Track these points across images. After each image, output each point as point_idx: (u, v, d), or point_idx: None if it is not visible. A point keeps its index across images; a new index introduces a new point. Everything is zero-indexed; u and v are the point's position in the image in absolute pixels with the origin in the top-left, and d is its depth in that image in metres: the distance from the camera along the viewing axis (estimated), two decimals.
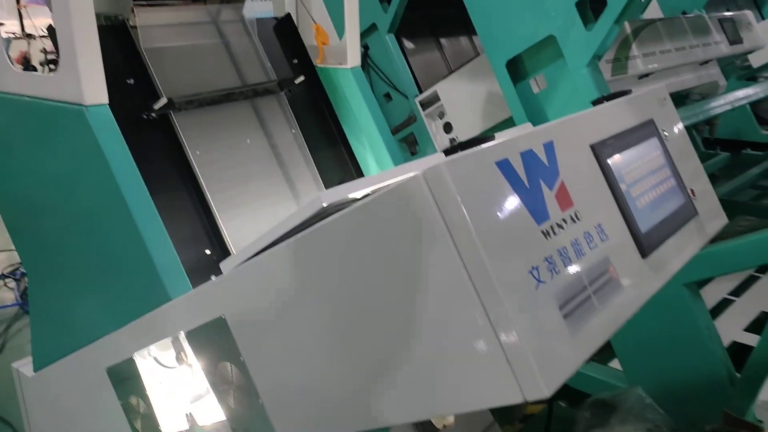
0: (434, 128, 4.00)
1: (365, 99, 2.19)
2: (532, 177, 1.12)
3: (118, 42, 1.83)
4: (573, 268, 1.11)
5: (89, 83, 1.52)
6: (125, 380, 1.73)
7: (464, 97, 3.77)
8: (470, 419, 1.84)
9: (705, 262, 2.28)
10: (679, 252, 1.39)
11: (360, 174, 2.23)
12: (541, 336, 1.00)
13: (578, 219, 1.17)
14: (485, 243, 0.97)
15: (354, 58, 2.20)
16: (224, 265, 1.44)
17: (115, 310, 1.70)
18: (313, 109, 2.23)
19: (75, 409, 2.00)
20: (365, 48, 4.23)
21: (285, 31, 2.25)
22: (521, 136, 1.16)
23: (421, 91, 4.03)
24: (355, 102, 2.21)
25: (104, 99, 1.56)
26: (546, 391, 0.96)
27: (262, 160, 1.98)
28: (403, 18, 3.90)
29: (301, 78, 2.11)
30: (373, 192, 1.19)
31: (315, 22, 2.27)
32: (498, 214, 1.03)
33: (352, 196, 1.29)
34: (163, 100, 1.76)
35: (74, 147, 1.61)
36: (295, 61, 2.24)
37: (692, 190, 1.54)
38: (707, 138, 5.37)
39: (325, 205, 1.26)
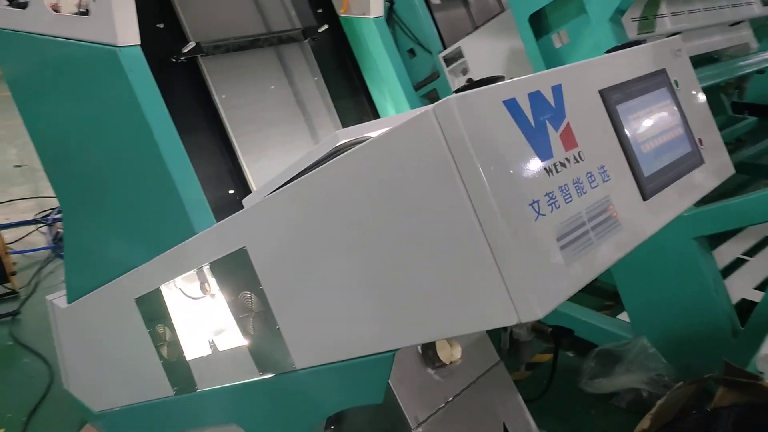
0: (457, 84, 4.03)
1: (387, 49, 2.24)
2: (538, 117, 1.18)
3: None
4: (573, 205, 1.17)
5: (122, 24, 1.59)
6: (153, 310, 1.84)
7: (488, 54, 3.78)
8: (477, 356, 1.93)
9: (715, 216, 2.32)
10: (681, 197, 1.45)
11: None
12: (537, 263, 1.07)
13: (581, 159, 1.23)
14: (488, 175, 1.04)
15: (377, 8, 2.24)
16: (247, 201, 1.53)
17: (144, 243, 1.80)
18: (336, 59, 2.29)
19: (105, 338, 2.13)
20: (390, 2, 4.24)
21: None
22: (530, 77, 1.22)
23: (445, 47, 4.04)
24: (377, 52, 2.25)
25: (136, 40, 1.63)
26: (539, 312, 1.03)
27: (285, 106, 2.05)
28: None
29: (325, 26, 2.16)
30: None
31: None
32: (503, 149, 1.09)
33: (367, 134, 1.36)
34: (192, 44, 1.83)
35: (107, 87, 1.69)
36: (320, 10, 2.29)
37: (700, 140, 1.58)
38: (736, 102, 5.32)
39: (341, 141, 1.33)
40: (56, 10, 1.82)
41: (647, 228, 1.34)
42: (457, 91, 1.17)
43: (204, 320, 1.73)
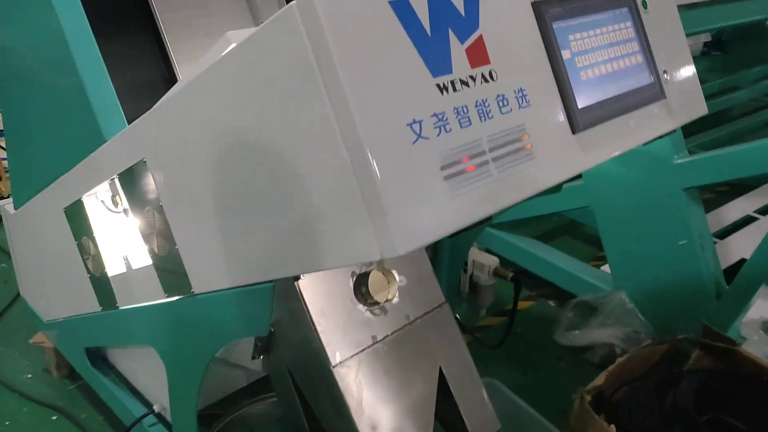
0: None
1: None
2: (438, 25, 1.01)
3: None
4: (471, 129, 1.01)
5: None
6: (78, 221, 1.76)
7: None
8: (417, 296, 1.81)
9: (706, 166, 2.12)
10: (627, 133, 1.27)
11: None
12: (408, 192, 0.92)
13: (492, 79, 1.06)
14: (353, 85, 0.89)
15: None
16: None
17: (66, 151, 1.70)
18: None
19: (45, 248, 2.07)
20: None
21: None
22: None
23: None
24: None
25: None
26: (400, 249, 0.90)
27: (234, 16, 1.89)
28: None
29: None
30: None
31: None
32: (380, 57, 0.93)
33: None
34: None
35: None
36: None
37: (665, 71, 1.39)
38: None
39: (233, 44, 1.19)
40: None
41: (573, 165, 1.17)
42: None
43: (119, 236, 1.64)
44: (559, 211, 2.99)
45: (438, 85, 0.99)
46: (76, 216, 1.75)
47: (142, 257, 1.56)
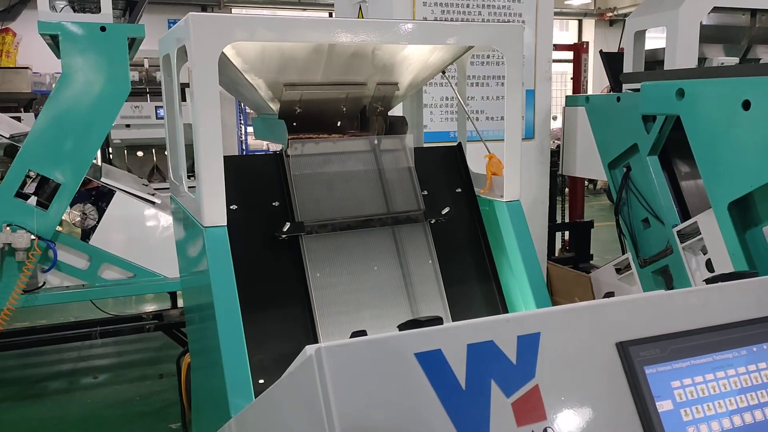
0: (694, 264, 3.47)
1: (517, 236, 2.03)
2: (478, 376, 0.93)
3: (276, 168, 2.02)
4: None
5: (208, 209, 1.71)
6: None
7: None
8: None
9: None
10: None
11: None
12: None
13: None
14: None
15: (511, 192, 2.06)
16: None
17: (215, 413, 1.83)
18: (467, 240, 2.15)
19: None
20: (627, 168, 3.91)
21: (453, 159, 2.24)
22: (485, 321, 0.98)
23: (684, 220, 3.54)
24: (507, 237, 2.06)
25: (220, 222, 1.72)
26: None
27: (385, 289, 1.96)
28: (677, 137, 3.46)
29: (447, 210, 2.05)
30: None
31: (489, 152, 2.20)
32: (391, 414, 0.88)
33: None
34: (287, 225, 1.87)
35: (198, 256, 1.82)
36: (459, 190, 2.20)
37: None
38: None
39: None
40: None
41: None
42: (400, 327, 0.99)
43: None
44: None
45: None
46: None
47: None
